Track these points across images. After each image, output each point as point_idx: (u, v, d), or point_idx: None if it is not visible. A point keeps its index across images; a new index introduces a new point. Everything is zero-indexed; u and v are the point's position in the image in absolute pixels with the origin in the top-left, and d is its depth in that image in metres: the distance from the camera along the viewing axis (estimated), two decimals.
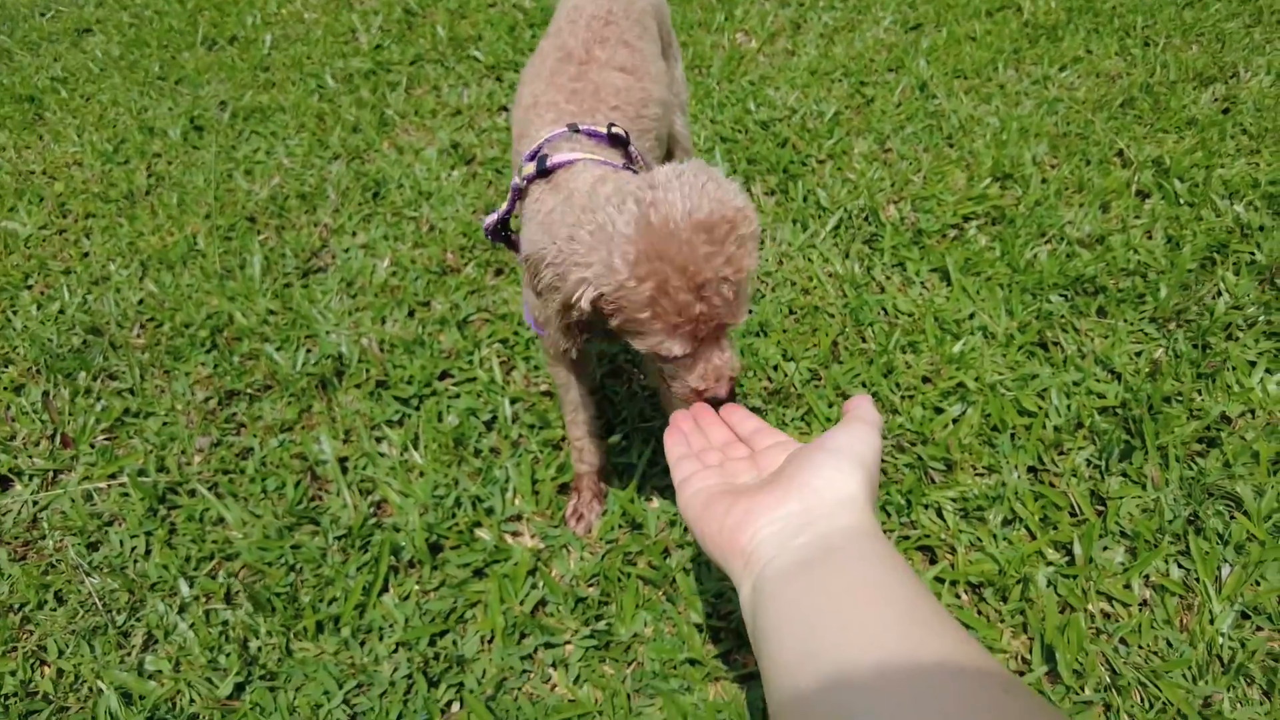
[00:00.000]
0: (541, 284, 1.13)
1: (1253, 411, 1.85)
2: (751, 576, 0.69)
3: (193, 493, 1.84)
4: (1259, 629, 1.52)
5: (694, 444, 0.95)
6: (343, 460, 1.88)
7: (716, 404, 1.11)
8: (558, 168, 1.33)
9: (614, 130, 1.41)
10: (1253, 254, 2.22)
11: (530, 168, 1.36)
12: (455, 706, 1.49)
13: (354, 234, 2.53)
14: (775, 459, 0.83)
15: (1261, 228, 2.30)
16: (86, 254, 2.56)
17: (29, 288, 2.48)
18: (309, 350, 2.15)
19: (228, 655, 1.55)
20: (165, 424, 2.00)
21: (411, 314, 2.22)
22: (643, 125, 1.59)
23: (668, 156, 1.82)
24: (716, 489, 0.80)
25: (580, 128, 1.40)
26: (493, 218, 1.46)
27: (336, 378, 2.07)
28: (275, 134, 3.02)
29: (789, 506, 0.70)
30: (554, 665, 1.52)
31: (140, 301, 2.34)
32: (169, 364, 2.14)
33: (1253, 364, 1.95)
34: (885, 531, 1.66)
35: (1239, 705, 1.42)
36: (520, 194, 1.42)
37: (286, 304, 2.28)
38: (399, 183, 2.68)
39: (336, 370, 2.08)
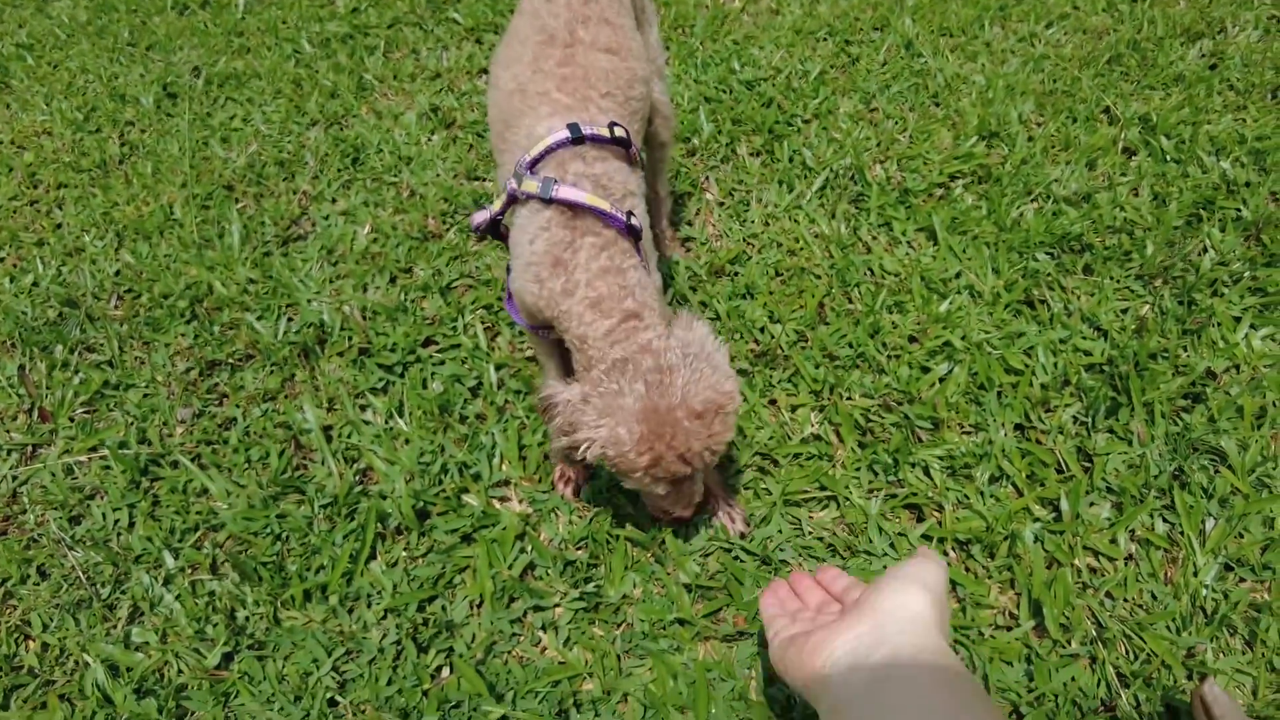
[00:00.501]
0: (551, 423, 1.34)
1: (1237, 367, 1.86)
2: (829, 698, 0.71)
3: (175, 464, 1.82)
4: (1241, 580, 1.53)
5: (788, 605, 1.00)
6: (327, 429, 1.86)
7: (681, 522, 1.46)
8: (560, 201, 1.35)
9: (617, 133, 1.42)
10: (1239, 210, 2.22)
11: (533, 185, 1.36)
12: (445, 671, 1.49)
13: (334, 201, 2.49)
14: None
15: (1248, 183, 2.30)
16: (59, 225, 2.51)
17: (0, 260, 2.43)
18: (290, 319, 2.12)
19: (215, 625, 1.55)
20: (146, 396, 1.98)
21: (393, 281, 2.19)
22: (631, 107, 1.57)
23: (648, 123, 1.78)
24: (799, 631, 0.84)
25: (584, 131, 1.39)
26: (483, 217, 1.45)
27: (319, 346, 2.04)
28: (251, 100, 2.96)
29: (861, 628, 0.73)
30: (543, 628, 1.52)
31: (117, 273, 2.30)
32: (148, 335, 2.11)
33: (1238, 320, 1.95)
34: (872, 490, 1.66)
35: (1222, 655, 1.44)
36: (515, 200, 1.42)
37: (266, 273, 2.24)
38: (378, 148, 2.63)
39: (318, 338, 2.05)
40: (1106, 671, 1.42)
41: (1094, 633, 1.47)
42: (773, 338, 1.96)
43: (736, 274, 2.14)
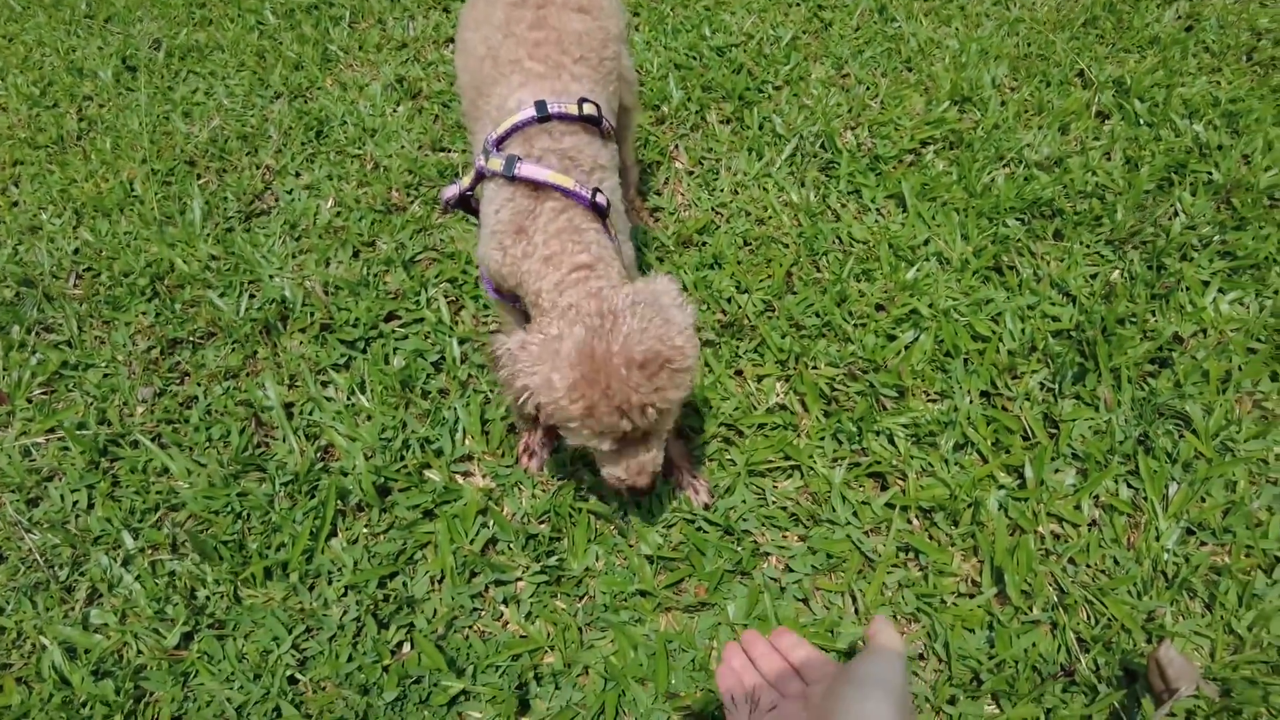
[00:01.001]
0: (498, 376, 1.28)
1: (1205, 331, 1.85)
2: None
3: (135, 444, 1.80)
4: (1202, 544, 1.54)
5: (745, 680, 0.98)
6: (288, 406, 1.84)
7: (639, 493, 1.35)
8: (524, 179, 1.32)
9: (586, 110, 1.36)
10: (1210, 173, 2.20)
11: (497, 163, 1.32)
12: (406, 647, 1.48)
13: (297, 174, 2.45)
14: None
15: (1220, 147, 2.27)
16: (16, 203, 2.46)
17: None
18: (252, 295, 2.09)
19: (175, 605, 1.53)
20: (106, 375, 1.95)
21: (356, 255, 2.15)
22: (605, 69, 1.52)
23: None
24: None
25: (551, 109, 1.34)
26: (453, 190, 1.42)
27: (281, 322, 2.01)
28: (214, 73, 2.89)
29: None
30: (505, 602, 1.52)
31: (75, 251, 2.25)
32: (108, 314, 2.07)
33: (1206, 284, 1.94)
34: (836, 459, 1.65)
35: (1181, 618, 1.44)
36: (483, 176, 1.39)
37: (229, 249, 2.20)
38: (342, 120, 2.58)
39: (280, 315, 2.02)
40: (1067, 637, 1.42)
41: (1055, 599, 1.47)
42: (740, 308, 1.94)
43: (705, 244, 2.11)
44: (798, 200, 2.19)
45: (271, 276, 2.10)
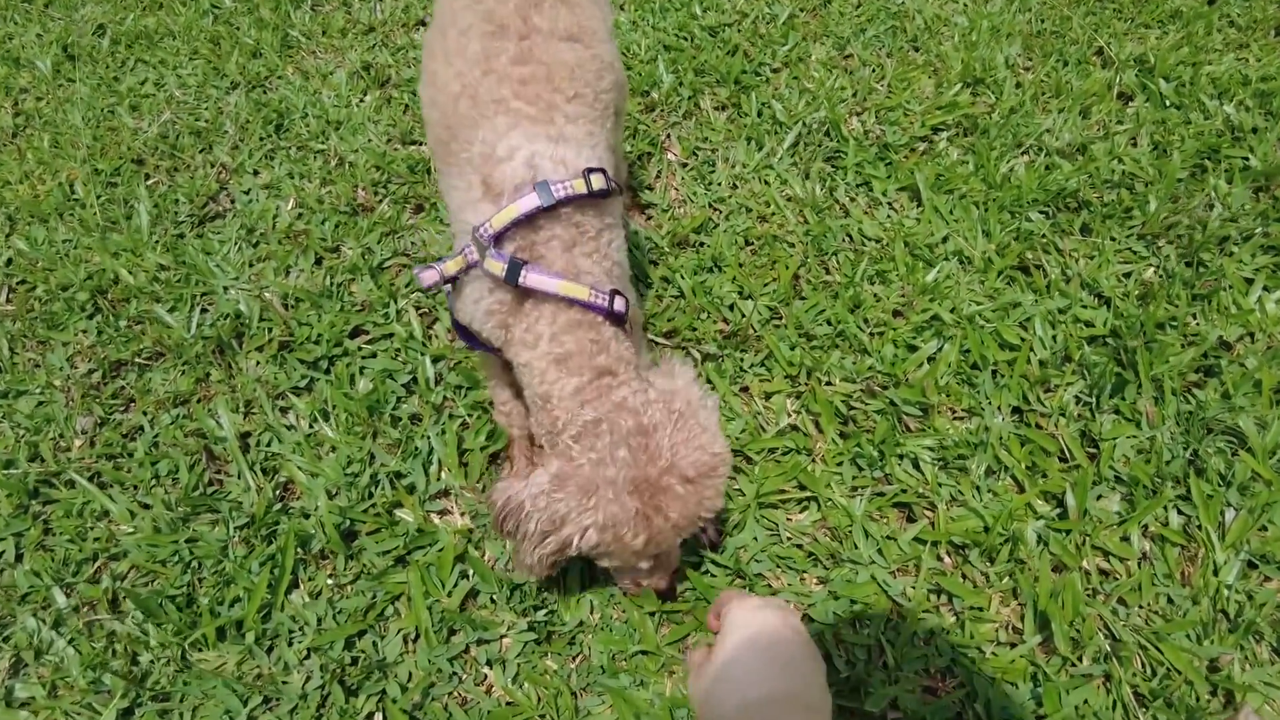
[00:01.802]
0: (524, 531, 1.13)
1: (1252, 335, 1.69)
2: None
3: (71, 484, 1.60)
4: (1266, 579, 1.38)
5: None
6: (244, 436, 1.65)
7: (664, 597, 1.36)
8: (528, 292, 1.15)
9: (595, 184, 1.16)
10: (1246, 159, 2.03)
11: (497, 267, 1.12)
12: (377, 718, 1.30)
13: (255, 173, 2.24)
14: None
15: (1255, 129, 2.11)
16: None
17: None
18: (205, 310, 1.89)
19: (113, 674, 1.35)
20: (40, 404, 1.75)
21: (319, 262, 1.96)
22: (603, 103, 1.31)
23: None
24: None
25: (556, 192, 1.13)
26: (433, 275, 1.20)
27: (236, 340, 1.81)
28: (164, 62, 2.67)
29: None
30: (488, 663, 1.34)
31: (8, 262, 2.04)
32: (43, 333, 1.87)
33: (1250, 281, 1.78)
34: (856, 488, 1.49)
35: (1248, 666, 1.29)
36: (474, 265, 1.18)
37: (179, 257, 2.00)
38: (304, 112, 2.37)
39: (236, 332, 1.83)
40: (1122, 691, 1.26)
41: (1107, 647, 1.31)
42: (743, 316, 1.76)
43: (702, 244, 1.93)
44: (802, 194, 2.00)
45: (226, 288, 1.91)
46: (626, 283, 1.27)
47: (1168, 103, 2.22)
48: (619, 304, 1.15)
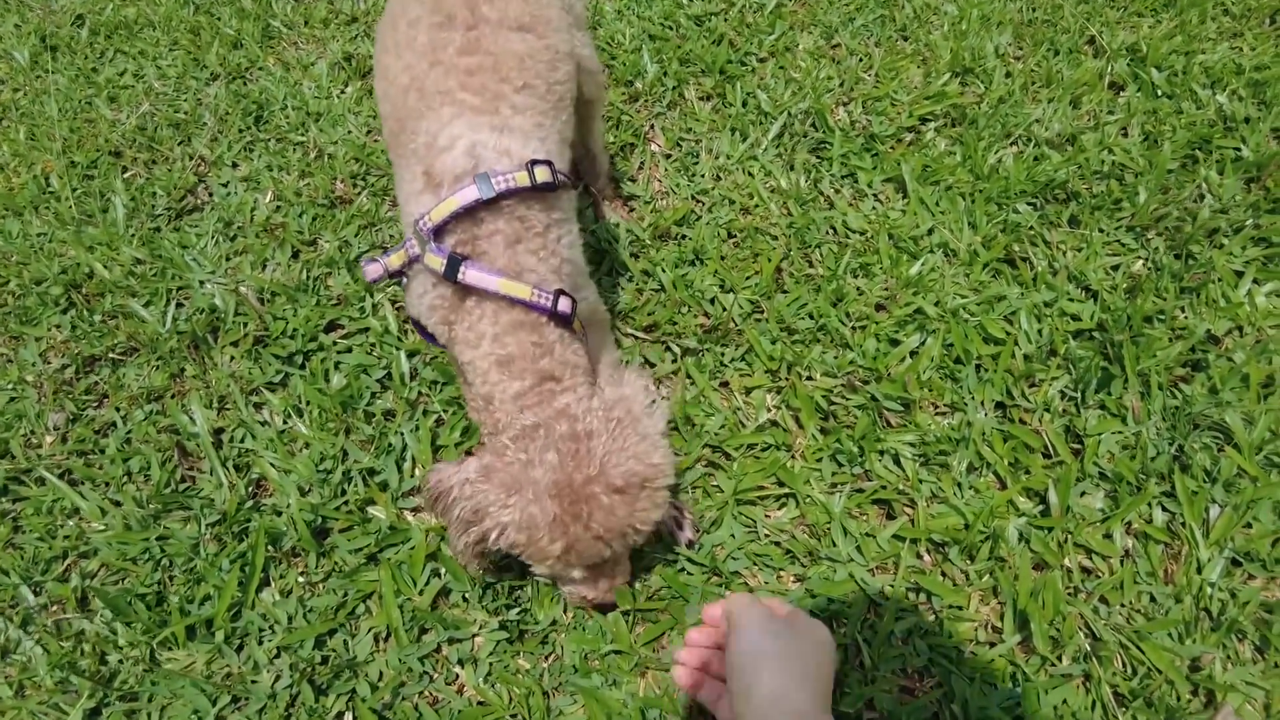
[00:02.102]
0: (450, 516, 1.15)
1: (1240, 329, 1.67)
2: None
3: (41, 481, 1.58)
4: (1251, 578, 1.36)
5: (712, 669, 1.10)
6: (217, 432, 1.63)
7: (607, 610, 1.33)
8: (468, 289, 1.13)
9: (538, 175, 1.14)
10: (1238, 149, 2.00)
11: (437, 262, 1.11)
12: (348, 717, 1.28)
13: (234, 165, 2.21)
14: None
15: (1247, 119, 2.08)
16: None
17: None
18: (180, 304, 1.86)
19: (81, 674, 1.33)
20: (11, 400, 1.73)
21: (296, 255, 1.93)
22: (556, 94, 1.29)
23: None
24: None
25: (496, 182, 1.10)
26: (377, 269, 1.19)
27: (211, 335, 1.79)
28: (144, 53, 2.63)
29: None
30: (460, 663, 1.32)
31: None
32: (16, 328, 1.85)
33: (1240, 274, 1.75)
34: (835, 485, 1.47)
35: (1230, 665, 1.27)
36: (415, 259, 1.17)
37: (155, 251, 1.97)
38: (284, 104, 2.34)
39: (211, 326, 1.80)
40: (1102, 691, 1.25)
41: (1088, 647, 1.29)
42: (724, 309, 1.74)
43: (684, 237, 1.90)
44: (786, 186, 1.98)
45: (202, 283, 1.88)
46: (582, 280, 1.25)
47: (1159, 92, 2.19)
48: (563, 304, 1.13)
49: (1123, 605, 1.34)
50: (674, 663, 1.15)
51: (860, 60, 2.33)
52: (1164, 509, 1.43)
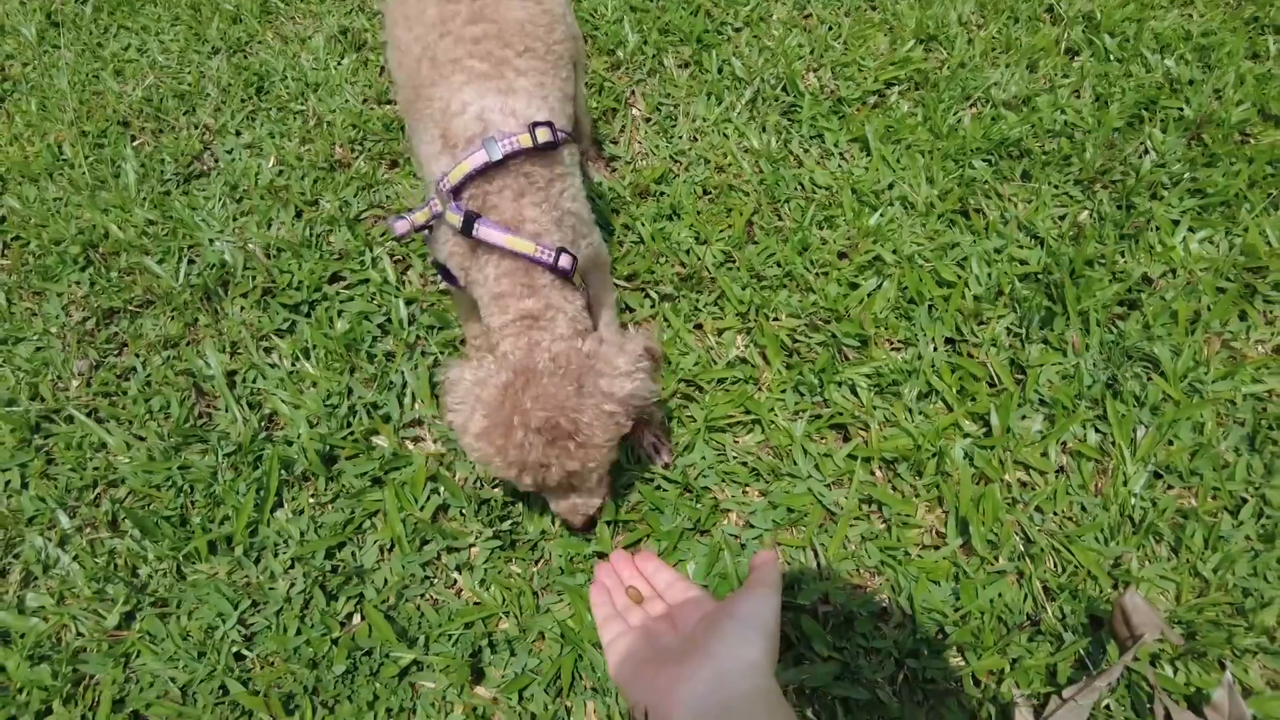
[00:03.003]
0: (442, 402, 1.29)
1: (1174, 271, 1.81)
2: None
3: (70, 419, 1.72)
4: (1169, 488, 1.51)
5: (618, 601, 1.06)
6: (230, 375, 1.76)
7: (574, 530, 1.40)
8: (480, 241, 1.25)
9: (539, 135, 1.24)
10: (1181, 109, 2.14)
11: (455, 219, 1.24)
12: (356, 618, 1.43)
13: (237, 133, 2.33)
14: (690, 616, 0.96)
15: (1191, 81, 2.21)
16: None
17: None
18: (192, 261, 1.99)
19: (115, 585, 1.47)
20: (38, 349, 1.86)
21: (299, 215, 2.06)
22: (556, 54, 1.40)
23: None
24: (641, 656, 0.92)
25: (502, 147, 1.21)
26: (405, 225, 1.31)
27: (221, 288, 1.92)
28: (146, 28, 2.75)
29: (703, 674, 0.83)
30: (458, 569, 1.47)
31: (2, 219, 2.14)
32: (38, 284, 1.97)
33: (1176, 223, 1.89)
34: (798, 413, 1.61)
35: (1147, 563, 1.42)
36: (437, 215, 1.30)
37: (166, 213, 2.10)
38: (284, 75, 2.46)
39: (221, 280, 1.93)
40: (1033, 586, 1.40)
41: (1022, 548, 1.44)
42: (699, 259, 1.87)
43: (662, 194, 2.04)
44: (758, 146, 2.11)
45: (212, 240, 2.01)
46: (585, 227, 1.37)
47: (1111, 57, 2.32)
48: (564, 261, 1.25)
49: (1055, 514, 1.48)
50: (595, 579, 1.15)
51: (830, 29, 2.46)
52: (1096, 430, 1.58)
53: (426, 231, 1.37)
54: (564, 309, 1.28)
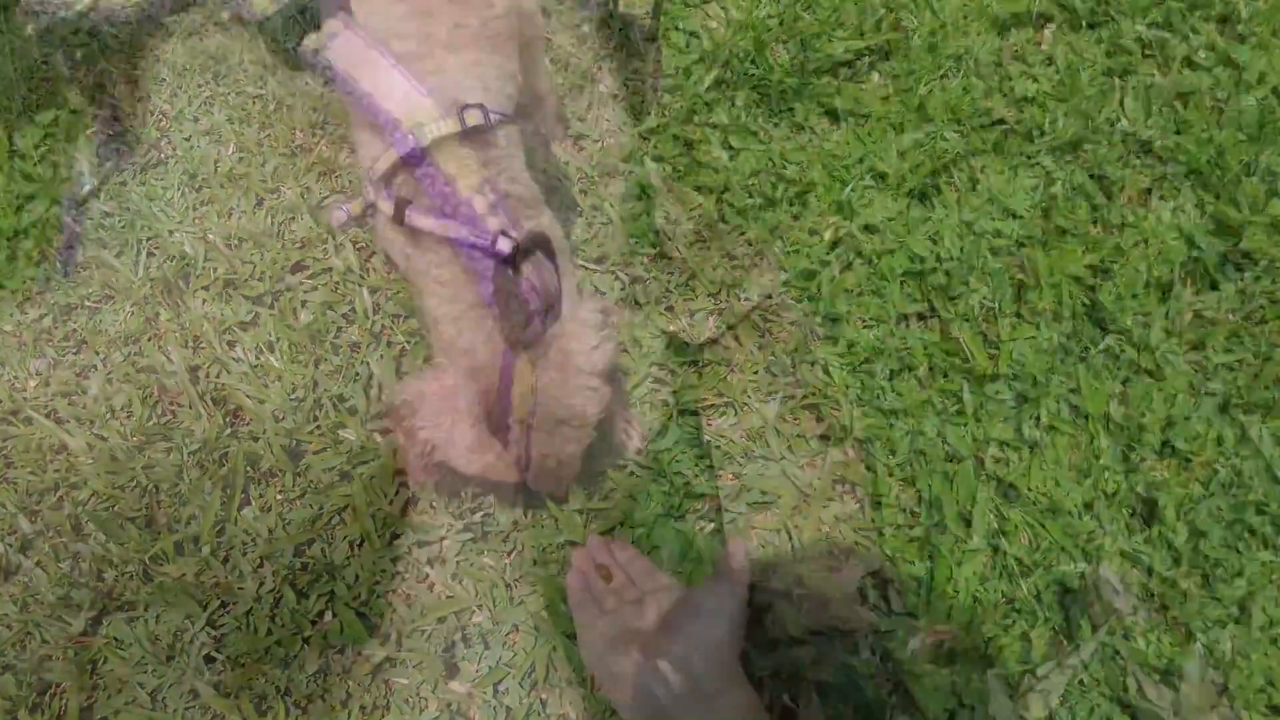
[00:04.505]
0: (401, 426, 1.28)
1: (1146, 241, 1.80)
2: (632, 712, 0.90)
3: (29, 420, 1.68)
4: (1142, 459, 1.51)
5: (593, 586, 1.13)
6: (194, 370, 1.73)
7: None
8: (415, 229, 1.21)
9: (468, 119, 1.18)
10: (1153, 75, 2.12)
11: (388, 207, 1.19)
12: (327, 616, 1.41)
13: (195, 120, 2.27)
14: (662, 602, 1.02)
15: (1164, 46, 2.19)
16: None
17: None
18: (151, 254, 1.94)
19: (80, 590, 1.45)
20: None
21: (260, 203, 2.01)
22: (493, 32, 1.31)
23: None
24: (612, 638, 0.98)
25: (427, 130, 1.15)
26: (342, 216, 1.27)
27: (182, 280, 1.88)
28: None
29: (670, 655, 0.87)
30: (429, 563, 1.45)
31: None
32: None
33: (1148, 191, 1.88)
34: (770, 393, 1.59)
35: (1120, 537, 1.42)
36: (370, 205, 1.26)
37: (123, 204, 2.05)
38: (240, 59, 2.39)
39: (182, 272, 1.89)
40: (1007, 563, 1.40)
41: (996, 525, 1.44)
42: (669, 239, 1.84)
43: (631, 173, 2.00)
44: (727, 122, 2.07)
45: (171, 232, 1.96)
46: (530, 209, 1.32)
47: (1084, 23, 2.29)
48: (501, 244, 1.17)
49: (1029, 490, 1.48)
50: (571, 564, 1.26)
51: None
52: (1069, 405, 1.57)
53: (367, 221, 1.33)
54: (514, 292, 1.23)
